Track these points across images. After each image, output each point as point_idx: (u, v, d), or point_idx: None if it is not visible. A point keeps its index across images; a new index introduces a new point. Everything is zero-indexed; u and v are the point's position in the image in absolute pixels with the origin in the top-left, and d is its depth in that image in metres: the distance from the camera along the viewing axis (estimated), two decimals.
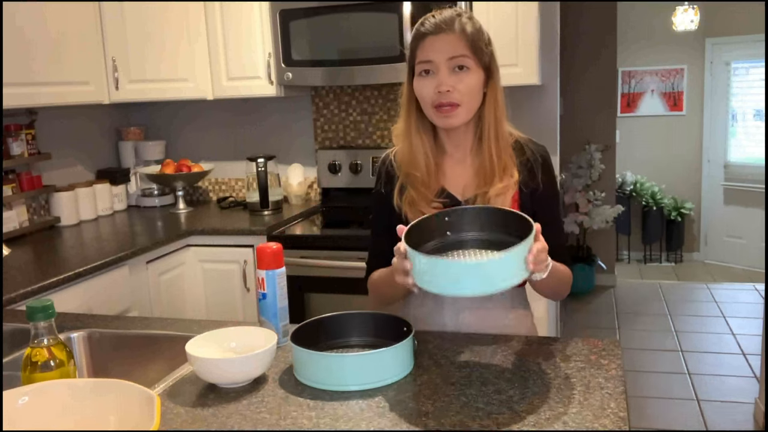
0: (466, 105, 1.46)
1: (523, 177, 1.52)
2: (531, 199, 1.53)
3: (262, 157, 3.20)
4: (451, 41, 1.45)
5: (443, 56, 1.45)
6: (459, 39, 1.45)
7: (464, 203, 1.52)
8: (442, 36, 1.45)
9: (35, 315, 1.17)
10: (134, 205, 3.53)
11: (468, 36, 1.45)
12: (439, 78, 1.45)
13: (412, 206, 1.50)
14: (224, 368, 1.28)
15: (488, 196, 1.49)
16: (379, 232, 1.60)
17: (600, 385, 1.24)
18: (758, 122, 6.66)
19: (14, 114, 2.87)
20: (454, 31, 1.45)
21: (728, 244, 6.86)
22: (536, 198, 1.54)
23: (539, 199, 1.54)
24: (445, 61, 1.45)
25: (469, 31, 1.46)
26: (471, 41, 1.45)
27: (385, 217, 1.57)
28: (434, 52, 1.45)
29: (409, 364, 1.33)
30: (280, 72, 3.03)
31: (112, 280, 2.48)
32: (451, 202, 1.52)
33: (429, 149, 1.53)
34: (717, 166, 6.96)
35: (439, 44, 1.45)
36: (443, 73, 1.45)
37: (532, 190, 1.53)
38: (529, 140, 1.57)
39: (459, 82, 1.45)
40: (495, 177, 1.49)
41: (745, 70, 6.74)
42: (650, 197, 6.95)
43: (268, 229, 2.90)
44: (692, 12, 6.26)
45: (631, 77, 7.12)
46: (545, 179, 1.54)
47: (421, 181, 1.51)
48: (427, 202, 1.50)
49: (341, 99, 3.44)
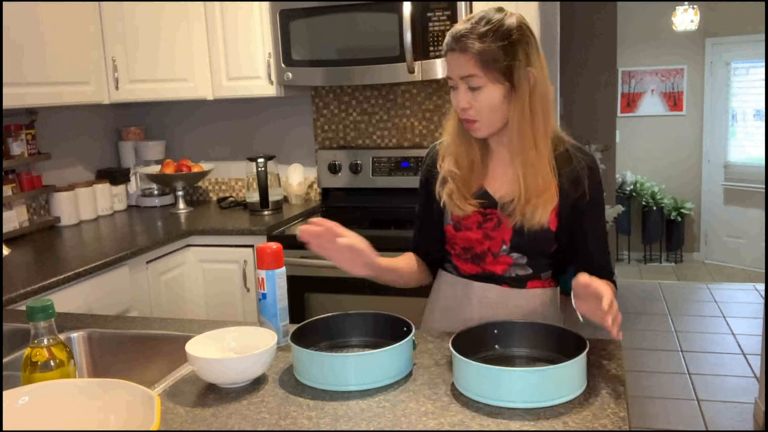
0: (485, 120, 1.46)
1: (567, 188, 1.49)
2: (572, 212, 1.50)
3: (262, 157, 3.20)
4: (461, 61, 1.42)
5: (457, 74, 1.44)
6: (468, 59, 1.41)
7: (500, 206, 1.51)
8: (455, 54, 1.43)
9: (35, 315, 1.17)
10: (134, 205, 3.53)
11: (476, 54, 1.40)
12: (458, 95, 1.46)
13: (450, 199, 1.54)
14: (224, 368, 1.28)
15: (528, 208, 1.47)
16: (419, 215, 1.69)
17: (600, 385, 1.24)
18: (758, 122, 6.66)
19: (14, 114, 2.87)
20: (464, 51, 1.41)
21: (728, 244, 6.86)
22: (580, 209, 1.50)
23: (584, 210, 1.50)
24: (459, 79, 1.44)
25: (476, 50, 1.40)
26: (480, 60, 1.40)
27: (425, 202, 1.64)
28: (451, 70, 1.45)
29: (409, 364, 1.33)
30: (280, 72, 3.03)
31: (112, 280, 2.48)
32: (488, 203, 1.53)
33: (471, 150, 1.53)
34: (717, 166, 6.97)
35: (453, 62, 1.44)
36: (461, 91, 1.45)
37: (574, 201, 1.49)
38: (579, 148, 1.53)
39: (474, 101, 1.44)
40: (529, 191, 1.46)
41: (745, 70, 6.74)
42: (650, 197, 6.96)
43: (268, 229, 2.90)
44: (692, 12, 6.27)
45: (631, 77, 7.12)
46: (591, 190, 1.49)
47: (461, 178, 1.53)
48: (465, 198, 1.52)
49: (341, 99, 3.44)
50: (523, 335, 1.37)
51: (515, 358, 1.35)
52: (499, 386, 1.16)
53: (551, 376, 1.16)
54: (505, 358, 1.35)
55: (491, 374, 1.17)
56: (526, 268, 1.55)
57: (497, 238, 1.53)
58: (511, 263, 1.55)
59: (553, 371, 1.17)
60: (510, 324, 1.40)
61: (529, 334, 1.37)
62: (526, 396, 1.15)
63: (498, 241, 1.53)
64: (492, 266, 1.56)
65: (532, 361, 1.33)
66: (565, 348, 1.26)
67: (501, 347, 1.36)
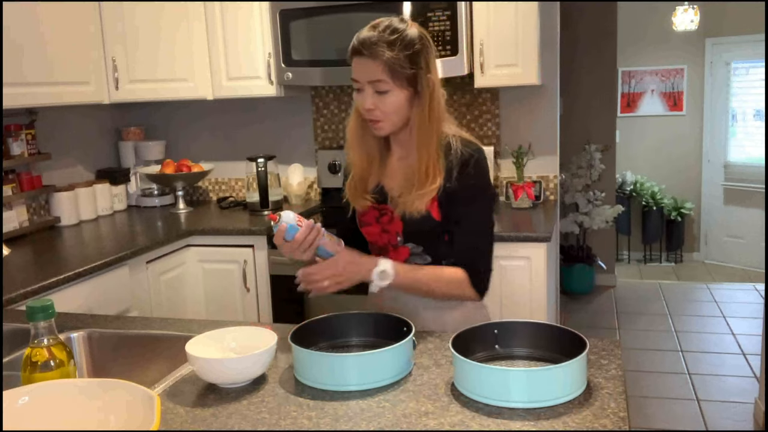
0: (389, 120, 1.56)
1: (444, 178, 1.57)
2: (447, 202, 1.58)
3: (262, 157, 3.20)
4: (369, 66, 1.51)
5: (365, 78, 1.53)
6: (377, 65, 1.50)
7: (390, 200, 1.64)
8: (363, 59, 1.52)
9: (35, 315, 1.17)
10: (134, 205, 3.53)
11: (385, 62, 1.49)
12: (363, 97, 1.55)
13: (351, 194, 1.69)
14: (224, 368, 1.28)
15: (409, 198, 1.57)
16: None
17: (600, 385, 1.24)
18: (758, 122, 6.66)
19: (14, 114, 2.87)
20: (373, 57, 1.50)
21: (728, 244, 6.86)
22: (451, 199, 1.57)
23: (454, 201, 1.58)
24: (366, 83, 1.53)
25: (386, 57, 1.49)
26: (389, 67, 1.49)
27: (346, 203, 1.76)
28: (358, 73, 1.54)
29: (409, 364, 1.33)
30: (280, 72, 3.03)
31: (112, 280, 2.48)
32: (380, 197, 1.66)
33: (371, 148, 1.65)
34: (717, 166, 6.96)
35: (360, 66, 1.53)
36: (366, 93, 1.54)
37: (448, 190, 1.57)
38: (463, 141, 1.59)
39: (380, 103, 1.53)
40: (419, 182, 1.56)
41: (745, 70, 6.74)
42: (650, 197, 6.95)
43: (268, 229, 2.90)
44: (692, 12, 6.26)
45: (631, 77, 7.12)
46: (459, 178, 1.56)
47: (359, 175, 1.68)
48: (361, 194, 1.67)
49: (341, 99, 3.44)
50: (523, 335, 1.37)
51: (515, 358, 1.35)
52: (498, 386, 1.16)
53: (551, 376, 1.16)
54: (505, 358, 1.35)
55: (491, 374, 1.17)
56: (425, 256, 1.64)
57: (392, 231, 1.65)
58: (409, 253, 1.65)
59: (553, 371, 1.17)
60: (510, 324, 1.40)
61: (529, 334, 1.37)
62: (526, 396, 1.15)
63: (393, 234, 1.65)
64: (395, 256, 1.65)
65: (532, 361, 1.33)
66: (565, 348, 1.26)
67: (501, 347, 1.37)
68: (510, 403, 1.16)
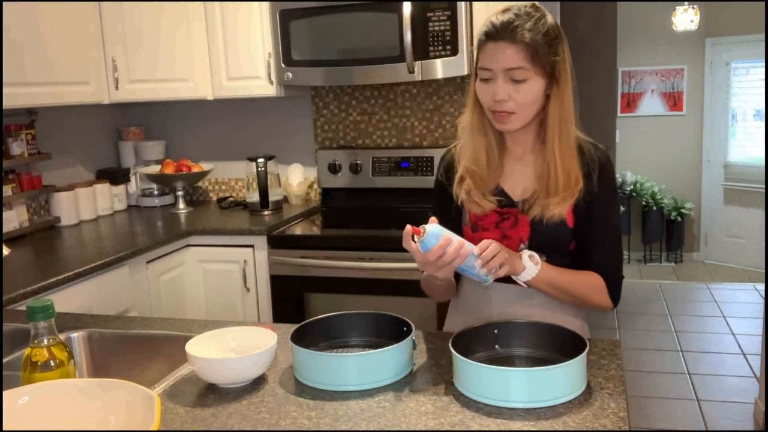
0: (522, 113, 1.44)
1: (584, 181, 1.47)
2: (586, 208, 1.48)
3: (262, 157, 3.20)
4: (509, 52, 1.39)
5: (500, 66, 1.40)
6: (518, 50, 1.39)
7: (520, 205, 1.51)
8: (501, 44, 1.39)
9: (35, 315, 1.17)
10: (134, 205, 3.53)
11: (528, 46, 1.38)
12: (495, 87, 1.42)
13: (469, 196, 1.53)
14: (224, 368, 1.28)
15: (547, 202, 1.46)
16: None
17: (600, 385, 1.24)
18: (758, 122, 6.66)
19: (14, 114, 2.87)
20: (514, 41, 1.38)
21: (728, 244, 6.86)
22: (589, 204, 1.48)
23: (592, 205, 1.48)
24: (502, 71, 1.41)
25: (528, 40, 1.38)
26: (531, 52, 1.38)
27: (443, 203, 1.60)
28: (492, 61, 1.41)
29: (409, 364, 1.33)
30: (280, 72, 3.03)
31: (112, 280, 2.48)
32: (506, 201, 1.52)
33: (489, 146, 1.52)
34: (717, 166, 6.96)
35: (497, 53, 1.40)
36: (500, 82, 1.41)
37: (585, 195, 1.47)
38: (591, 143, 1.51)
39: (516, 93, 1.41)
40: (559, 185, 1.46)
41: (745, 70, 6.74)
42: (650, 197, 6.95)
43: (268, 229, 2.90)
44: (692, 12, 6.27)
45: (631, 77, 7.12)
46: (601, 183, 1.47)
47: (479, 176, 1.53)
48: (483, 196, 1.52)
49: (341, 99, 3.44)
50: (523, 335, 1.37)
51: (515, 358, 1.35)
52: (498, 386, 1.16)
53: (551, 376, 1.16)
54: (505, 358, 1.35)
55: (491, 374, 1.17)
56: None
57: (514, 237, 1.51)
58: None
59: (553, 371, 1.17)
60: (510, 324, 1.40)
61: (529, 334, 1.37)
62: (526, 396, 1.15)
63: (516, 241, 1.51)
64: None
65: (532, 361, 1.33)
66: (565, 348, 1.26)
67: (501, 347, 1.36)
68: (510, 403, 1.16)
